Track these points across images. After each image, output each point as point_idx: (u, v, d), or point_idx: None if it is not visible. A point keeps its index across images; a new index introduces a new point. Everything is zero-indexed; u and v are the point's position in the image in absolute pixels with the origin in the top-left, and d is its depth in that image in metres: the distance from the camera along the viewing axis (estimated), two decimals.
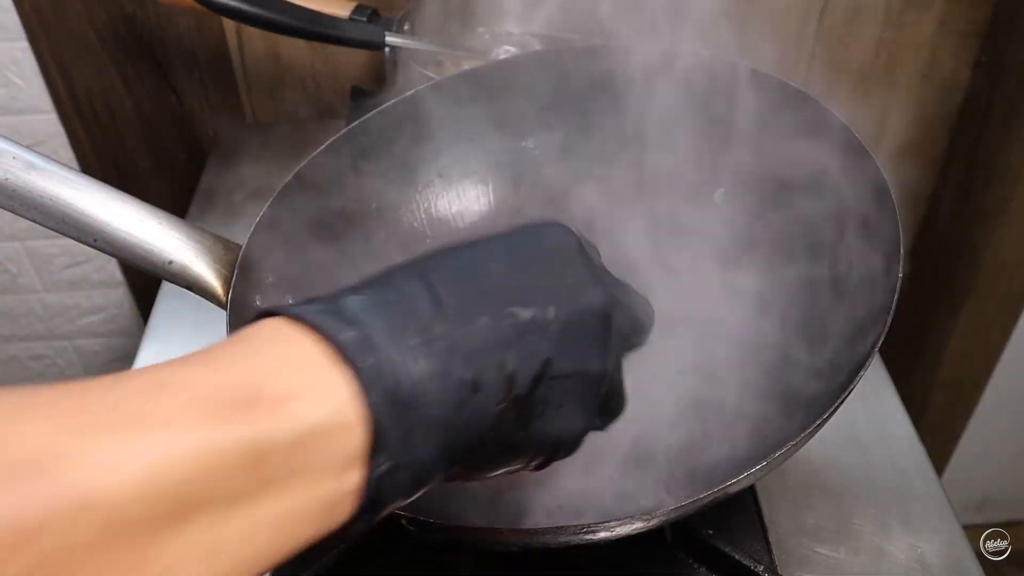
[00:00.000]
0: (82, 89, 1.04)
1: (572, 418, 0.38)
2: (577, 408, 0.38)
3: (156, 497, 0.25)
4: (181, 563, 0.26)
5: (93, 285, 1.19)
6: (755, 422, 0.58)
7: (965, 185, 1.11)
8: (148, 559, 0.25)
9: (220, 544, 0.27)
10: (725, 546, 0.59)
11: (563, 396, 0.37)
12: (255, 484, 0.28)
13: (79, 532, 0.23)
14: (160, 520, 0.25)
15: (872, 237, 0.56)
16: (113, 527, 0.24)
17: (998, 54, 1.01)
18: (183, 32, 1.01)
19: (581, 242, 0.41)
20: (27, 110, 1.04)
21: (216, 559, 0.27)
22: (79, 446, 0.24)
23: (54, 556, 0.23)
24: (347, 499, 0.31)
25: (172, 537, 0.26)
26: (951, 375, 1.30)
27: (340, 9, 0.83)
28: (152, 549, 0.25)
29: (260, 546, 0.28)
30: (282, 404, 0.29)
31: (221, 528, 0.27)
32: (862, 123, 1.13)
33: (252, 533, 0.28)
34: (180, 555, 0.26)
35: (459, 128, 0.69)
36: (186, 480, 0.26)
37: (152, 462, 0.25)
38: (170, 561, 0.26)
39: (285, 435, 0.28)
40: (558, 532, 0.48)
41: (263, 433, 0.28)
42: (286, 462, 0.28)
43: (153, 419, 0.26)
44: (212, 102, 1.07)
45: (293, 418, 0.29)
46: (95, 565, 0.24)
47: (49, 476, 0.23)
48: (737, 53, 1.02)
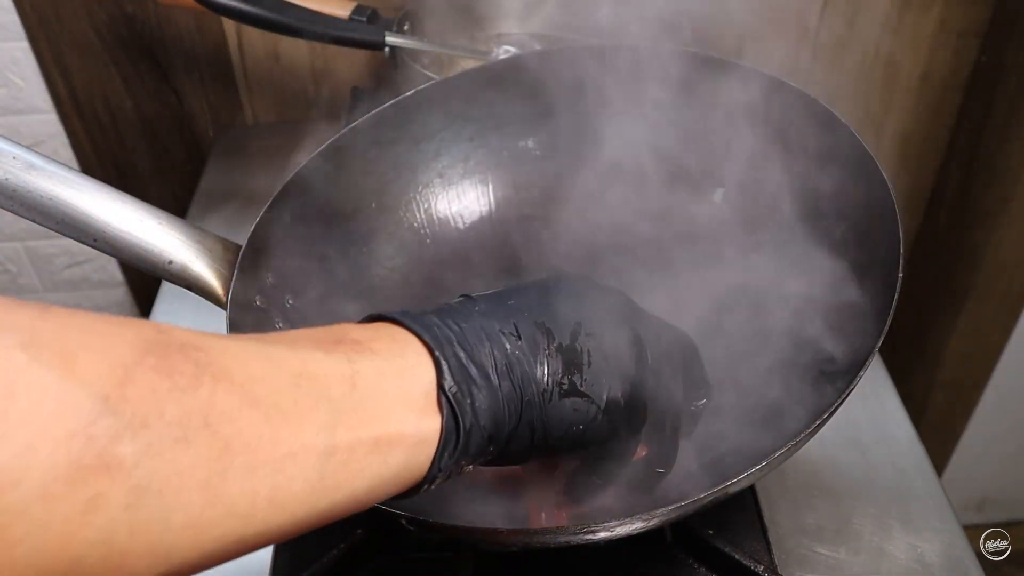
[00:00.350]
0: (82, 89, 1.04)
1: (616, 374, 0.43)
2: (618, 365, 0.43)
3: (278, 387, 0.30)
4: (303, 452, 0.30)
5: (93, 285, 1.19)
6: (755, 422, 0.58)
7: (965, 185, 1.11)
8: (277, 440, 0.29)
9: (334, 447, 0.31)
10: (725, 546, 0.59)
11: (602, 352, 0.43)
12: (354, 400, 0.32)
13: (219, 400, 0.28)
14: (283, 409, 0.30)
15: (872, 237, 0.56)
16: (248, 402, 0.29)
17: (998, 54, 1.01)
18: (183, 32, 1.01)
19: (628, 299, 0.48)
20: (27, 110, 1.04)
21: (329, 460, 0.31)
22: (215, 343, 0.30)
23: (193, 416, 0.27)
24: (432, 431, 0.35)
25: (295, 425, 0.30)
26: (951, 375, 1.30)
27: (340, 9, 0.83)
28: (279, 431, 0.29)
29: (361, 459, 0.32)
30: (364, 341, 0.35)
31: (332, 432, 0.31)
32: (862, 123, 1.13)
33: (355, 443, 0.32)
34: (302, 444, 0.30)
35: (459, 128, 0.69)
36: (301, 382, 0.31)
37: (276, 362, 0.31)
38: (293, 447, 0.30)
39: (369, 361, 0.34)
40: (557, 532, 0.48)
41: (352, 355, 0.34)
42: (376, 385, 0.34)
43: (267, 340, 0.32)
44: (212, 102, 1.07)
45: (374, 349, 0.35)
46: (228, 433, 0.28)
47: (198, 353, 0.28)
48: (737, 53, 1.02)
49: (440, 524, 0.49)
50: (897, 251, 0.52)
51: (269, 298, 0.59)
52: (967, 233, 1.14)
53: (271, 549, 0.63)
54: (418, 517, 0.46)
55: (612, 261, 0.69)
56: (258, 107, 1.08)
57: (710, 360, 0.64)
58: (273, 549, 0.63)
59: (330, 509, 0.32)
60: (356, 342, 0.35)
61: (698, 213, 0.68)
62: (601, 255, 0.69)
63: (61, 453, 0.24)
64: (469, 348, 0.38)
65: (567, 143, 0.71)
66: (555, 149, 0.71)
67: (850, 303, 0.57)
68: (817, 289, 0.60)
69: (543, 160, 0.72)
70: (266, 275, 0.59)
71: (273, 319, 0.59)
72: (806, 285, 0.61)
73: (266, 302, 0.59)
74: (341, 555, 0.59)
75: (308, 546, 0.62)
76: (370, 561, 0.62)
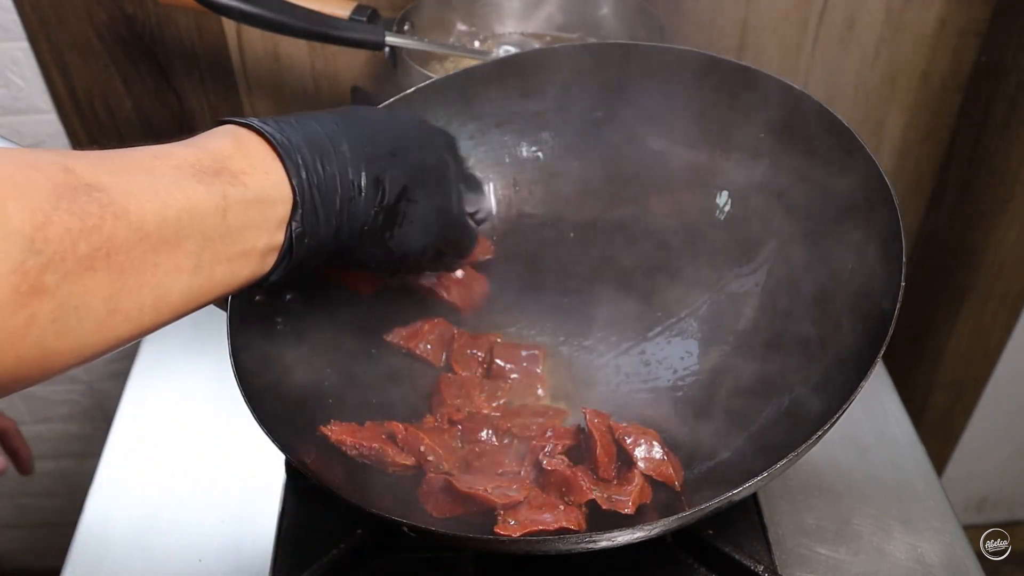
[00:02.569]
0: (82, 89, 1.04)
1: (418, 235, 0.55)
2: (421, 228, 0.55)
3: (164, 220, 0.38)
4: (176, 271, 0.40)
5: None
6: (756, 428, 0.58)
7: (965, 186, 1.11)
8: (158, 264, 0.38)
9: (200, 265, 0.41)
10: (725, 546, 0.59)
11: (415, 216, 0.54)
12: (223, 227, 0.42)
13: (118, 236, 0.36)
14: (166, 240, 0.38)
15: (874, 242, 0.56)
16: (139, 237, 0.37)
17: (998, 54, 1.01)
18: (183, 32, 1.00)
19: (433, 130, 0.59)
20: (27, 110, 1.04)
21: (197, 275, 0.41)
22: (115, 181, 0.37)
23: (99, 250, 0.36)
24: (273, 252, 0.46)
25: (172, 252, 0.39)
26: (951, 375, 1.30)
27: (340, 9, 0.83)
28: (160, 258, 0.38)
29: (224, 273, 0.43)
30: (240, 174, 0.43)
31: (201, 255, 0.41)
32: (862, 123, 1.13)
33: (220, 260, 0.42)
34: (176, 266, 0.39)
35: (459, 127, 0.69)
36: (182, 216, 0.39)
37: (164, 198, 0.39)
38: (169, 268, 0.39)
39: (241, 195, 0.43)
40: (559, 541, 0.48)
41: (228, 190, 0.42)
42: (242, 215, 0.43)
43: (160, 172, 0.40)
44: (212, 102, 1.07)
45: (247, 185, 0.43)
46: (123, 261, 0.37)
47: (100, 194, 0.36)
48: (737, 53, 1.02)
49: (442, 532, 0.49)
50: (899, 257, 0.52)
51: (269, 297, 0.59)
52: (967, 233, 1.14)
53: (271, 549, 0.63)
54: (420, 525, 0.47)
55: (613, 261, 0.69)
56: (258, 107, 1.08)
57: (711, 360, 0.64)
58: (273, 549, 0.64)
59: (198, 304, 0.42)
60: (233, 175, 0.43)
61: (700, 214, 0.68)
62: (602, 255, 0.69)
63: (4, 286, 0.33)
64: (323, 193, 0.47)
65: (567, 142, 0.71)
66: (555, 148, 0.71)
67: (851, 310, 0.57)
68: (818, 295, 0.60)
69: (543, 159, 0.71)
70: None
71: (273, 316, 0.59)
72: (806, 290, 0.61)
73: (266, 300, 0.59)
74: (341, 555, 0.59)
75: (308, 546, 0.62)
76: (370, 561, 0.62)
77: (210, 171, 0.42)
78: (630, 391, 0.64)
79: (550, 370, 0.66)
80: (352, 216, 0.49)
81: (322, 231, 0.48)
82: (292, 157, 0.46)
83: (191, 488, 0.69)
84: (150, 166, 0.40)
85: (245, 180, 0.43)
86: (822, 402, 0.53)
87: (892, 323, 0.49)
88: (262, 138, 0.46)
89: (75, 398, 1.31)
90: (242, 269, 0.44)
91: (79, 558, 0.65)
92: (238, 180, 0.43)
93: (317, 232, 0.47)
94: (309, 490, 0.66)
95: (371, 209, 0.51)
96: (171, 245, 0.39)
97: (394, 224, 0.53)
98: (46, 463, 1.38)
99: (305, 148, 0.47)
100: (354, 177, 0.49)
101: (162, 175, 0.40)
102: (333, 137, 0.49)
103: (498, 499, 0.51)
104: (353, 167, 0.49)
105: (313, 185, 0.47)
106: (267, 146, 0.46)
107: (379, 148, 0.51)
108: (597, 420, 0.56)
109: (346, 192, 0.49)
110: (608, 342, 0.67)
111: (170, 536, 0.66)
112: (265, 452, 0.55)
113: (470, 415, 0.61)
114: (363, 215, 0.50)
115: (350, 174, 0.49)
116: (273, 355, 0.58)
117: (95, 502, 0.68)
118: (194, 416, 0.74)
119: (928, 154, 1.13)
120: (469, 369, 0.64)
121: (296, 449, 0.52)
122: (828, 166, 0.60)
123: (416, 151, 0.55)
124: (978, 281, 1.17)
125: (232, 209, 0.42)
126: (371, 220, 0.51)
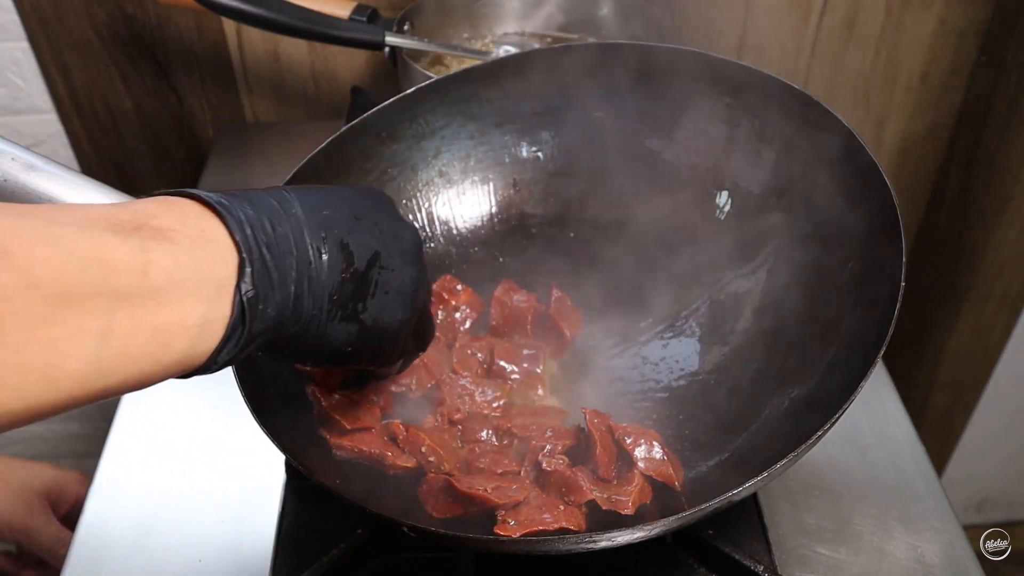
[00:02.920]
0: (82, 89, 1.04)
1: (395, 308, 0.48)
2: (399, 300, 0.48)
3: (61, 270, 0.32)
4: (77, 335, 0.32)
5: None
6: (756, 428, 0.58)
7: (965, 185, 1.11)
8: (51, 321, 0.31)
9: (111, 331, 0.33)
10: (725, 546, 0.59)
11: (388, 286, 0.47)
12: (142, 289, 0.34)
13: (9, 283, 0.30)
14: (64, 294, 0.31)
15: (874, 242, 0.56)
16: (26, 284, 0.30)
17: (998, 54, 1.01)
18: (183, 32, 1.01)
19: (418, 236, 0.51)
20: (27, 110, 1.04)
21: (107, 342, 0.33)
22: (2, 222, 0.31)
23: None
24: (218, 322, 0.37)
25: (72, 310, 0.32)
26: (951, 375, 1.30)
27: (340, 9, 0.83)
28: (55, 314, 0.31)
29: (147, 345, 0.34)
30: (167, 230, 0.36)
31: (112, 317, 0.33)
32: (862, 124, 1.13)
33: (140, 328, 0.34)
34: (77, 327, 0.32)
35: (459, 126, 0.69)
36: (88, 266, 0.32)
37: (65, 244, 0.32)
38: (67, 330, 0.32)
39: (167, 251, 0.35)
40: (559, 541, 0.48)
41: (151, 244, 0.35)
42: (170, 274, 0.35)
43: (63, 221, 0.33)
44: (212, 102, 1.07)
45: (175, 239, 0.36)
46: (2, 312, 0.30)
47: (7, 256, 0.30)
48: (737, 53, 1.02)
49: (441, 532, 0.49)
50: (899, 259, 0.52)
51: None
52: (967, 233, 1.14)
53: (271, 549, 0.63)
54: (420, 525, 0.47)
55: (613, 261, 0.69)
56: (258, 107, 1.08)
57: (710, 360, 0.64)
58: (273, 549, 0.63)
59: (104, 389, 0.34)
60: (157, 230, 0.36)
61: (700, 214, 0.68)
62: (601, 255, 0.69)
63: None
64: (276, 253, 0.40)
65: (567, 142, 0.71)
66: (555, 148, 0.71)
67: (851, 312, 0.57)
68: (817, 296, 0.60)
69: (543, 159, 0.72)
70: None
71: None
72: (806, 292, 0.61)
73: None
74: (341, 555, 0.59)
75: (308, 546, 0.62)
76: (370, 561, 0.62)
77: (129, 226, 0.35)
78: (630, 391, 0.64)
79: (550, 370, 0.66)
80: (314, 282, 0.42)
81: (279, 296, 0.40)
82: (233, 214, 0.39)
83: (191, 488, 0.69)
84: (52, 216, 0.34)
85: (173, 236, 0.36)
86: (822, 402, 0.53)
87: (892, 323, 0.49)
88: (194, 200, 0.39)
89: None
90: (174, 342, 0.35)
91: (79, 558, 0.65)
92: (164, 235, 0.36)
93: (273, 297, 0.39)
94: (309, 490, 0.66)
95: (337, 275, 0.43)
96: (71, 301, 0.32)
97: (367, 293, 0.46)
98: None
99: (248, 207, 0.40)
100: (312, 239, 0.42)
101: (67, 223, 0.33)
102: (282, 200, 0.42)
103: (498, 499, 0.51)
104: (309, 229, 0.42)
105: (261, 243, 0.39)
106: (201, 206, 0.39)
107: (339, 211, 0.45)
108: (597, 420, 0.56)
109: (303, 254, 0.41)
110: (608, 342, 0.67)
111: (170, 536, 0.66)
112: (265, 452, 0.55)
113: (470, 415, 0.61)
114: (328, 281, 0.43)
115: (306, 236, 0.42)
116: None
117: (95, 502, 0.68)
118: (194, 416, 0.74)
119: (928, 154, 1.13)
120: (470, 369, 0.64)
121: (296, 449, 0.52)
122: (828, 166, 0.60)
123: (387, 217, 0.48)
124: (978, 281, 1.17)
125: (155, 265, 0.34)
126: (338, 287, 0.43)
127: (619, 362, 0.66)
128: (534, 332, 0.66)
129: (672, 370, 0.65)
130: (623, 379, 0.65)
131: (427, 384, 0.62)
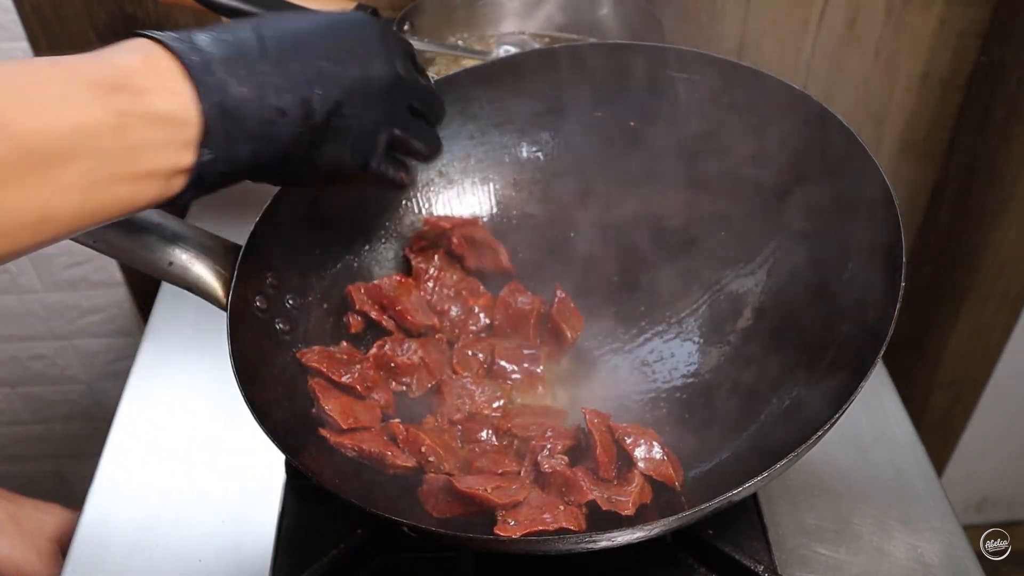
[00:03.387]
0: None
1: (350, 152, 0.51)
2: (357, 147, 0.51)
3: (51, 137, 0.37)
4: (66, 190, 0.39)
5: (93, 285, 1.19)
6: (756, 428, 0.58)
7: (965, 185, 1.11)
8: (44, 182, 0.38)
9: (95, 185, 0.40)
10: (725, 546, 0.59)
11: (348, 134, 0.50)
12: (119, 146, 0.40)
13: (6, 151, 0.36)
14: (55, 156, 0.38)
15: (874, 242, 0.56)
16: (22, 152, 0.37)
17: (998, 54, 1.01)
18: None
19: (384, 30, 0.52)
20: None
21: (90, 194, 0.40)
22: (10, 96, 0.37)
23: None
24: (181, 175, 0.43)
25: (61, 170, 0.38)
26: (951, 375, 1.30)
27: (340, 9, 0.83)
28: (46, 176, 0.38)
29: (120, 193, 0.41)
30: (142, 92, 0.41)
31: (94, 173, 0.39)
32: (862, 123, 1.13)
33: (116, 181, 0.40)
34: (67, 184, 0.38)
35: (459, 126, 0.69)
36: (74, 130, 0.38)
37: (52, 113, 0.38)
38: (58, 187, 0.38)
39: (142, 113, 0.41)
40: (559, 541, 0.48)
41: (127, 107, 0.40)
42: (142, 134, 0.41)
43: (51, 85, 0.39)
44: None
45: (149, 103, 0.41)
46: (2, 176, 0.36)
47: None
48: (737, 53, 1.02)
49: (441, 532, 0.49)
50: (900, 260, 0.52)
51: (269, 298, 0.59)
52: (967, 233, 1.14)
53: (271, 549, 0.63)
54: (420, 525, 0.47)
55: (613, 261, 0.69)
56: None
57: (711, 360, 0.64)
58: (273, 549, 0.64)
59: (95, 222, 0.41)
60: (135, 92, 0.41)
61: (700, 214, 0.68)
62: (601, 255, 0.69)
63: None
64: (239, 117, 0.44)
65: (567, 142, 0.71)
66: (555, 148, 0.71)
67: (851, 313, 0.57)
68: (818, 297, 0.60)
69: (543, 159, 0.71)
70: (266, 275, 0.59)
71: (274, 319, 0.59)
72: (807, 292, 0.61)
73: (266, 303, 0.59)
74: (341, 555, 0.59)
75: (308, 546, 0.62)
76: (370, 561, 0.62)
77: (109, 86, 0.40)
78: (630, 391, 0.64)
79: (551, 370, 0.66)
80: (273, 140, 0.46)
81: (237, 156, 0.45)
82: (204, 79, 0.43)
83: (191, 488, 0.69)
84: (44, 76, 0.39)
85: (148, 98, 0.41)
86: (822, 402, 0.53)
87: (892, 323, 0.49)
88: (173, 56, 0.43)
89: (75, 398, 1.31)
90: (146, 190, 0.42)
91: (79, 558, 0.65)
92: (140, 98, 0.41)
93: (229, 158, 0.45)
94: (309, 490, 0.66)
95: (295, 130, 0.47)
96: (60, 163, 0.38)
97: (322, 142, 0.49)
98: (46, 463, 1.38)
99: (221, 68, 0.44)
100: (275, 100, 0.46)
101: (53, 89, 0.39)
102: (255, 55, 0.46)
103: (498, 499, 0.51)
104: (275, 88, 0.46)
105: (227, 109, 0.44)
106: (178, 64, 0.43)
107: (309, 64, 0.47)
108: (597, 420, 0.56)
109: (267, 115, 0.45)
110: (608, 342, 0.67)
111: (170, 536, 0.66)
112: (265, 452, 0.55)
113: (470, 415, 0.61)
114: (286, 137, 0.47)
115: (271, 97, 0.46)
116: (273, 355, 0.58)
117: (95, 502, 0.68)
118: (194, 416, 0.74)
119: (928, 154, 1.12)
120: (470, 369, 0.64)
121: (296, 449, 0.52)
122: (828, 166, 0.60)
123: (356, 62, 0.50)
124: (978, 281, 1.17)
125: (131, 127, 0.40)
126: (295, 140, 0.47)
127: (619, 362, 0.66)
128: (536, 333, 0.66)
129: (672, 370, 0.65)
130: (623, 379, 0.65)
131: (427, 384, 0.62)
